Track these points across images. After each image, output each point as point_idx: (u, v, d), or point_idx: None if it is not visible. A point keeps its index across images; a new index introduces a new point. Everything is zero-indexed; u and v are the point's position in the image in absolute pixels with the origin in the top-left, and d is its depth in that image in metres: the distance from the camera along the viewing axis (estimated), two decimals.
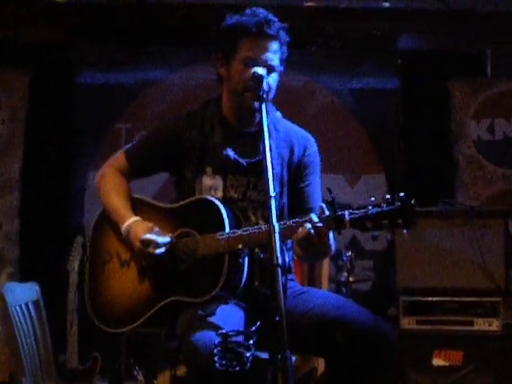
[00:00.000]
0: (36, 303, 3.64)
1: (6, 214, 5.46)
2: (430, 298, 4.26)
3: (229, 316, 2.53)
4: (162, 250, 2.65)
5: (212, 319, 2.47)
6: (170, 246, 2.66)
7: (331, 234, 2.51)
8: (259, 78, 2.58)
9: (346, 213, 2.40)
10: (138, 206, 2.82)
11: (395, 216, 2.35)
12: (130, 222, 2.73)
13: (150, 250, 2.64)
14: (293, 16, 5.33)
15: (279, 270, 2.21)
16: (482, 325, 4.19)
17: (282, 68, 2.74)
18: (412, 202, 2.35)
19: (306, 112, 5.70)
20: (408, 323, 4.26)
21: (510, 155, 5.59)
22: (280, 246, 2.26)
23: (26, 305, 3.52)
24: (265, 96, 2.56)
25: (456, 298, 4.24)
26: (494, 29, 5.50)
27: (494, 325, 4.18)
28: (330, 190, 2.44)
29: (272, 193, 2.34)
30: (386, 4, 5.54)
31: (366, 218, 2.37)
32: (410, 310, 4.27)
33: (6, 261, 5.32)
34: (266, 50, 2.66)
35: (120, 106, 5.81)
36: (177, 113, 2.88)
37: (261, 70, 2.60)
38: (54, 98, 5.58)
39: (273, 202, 2.32)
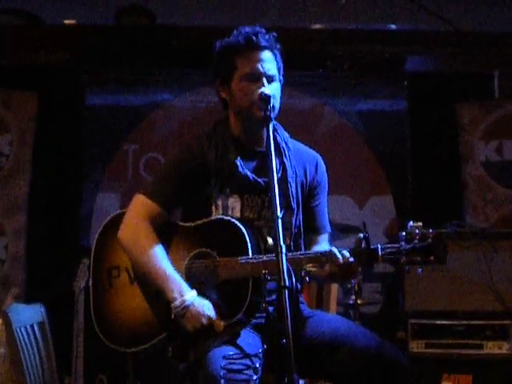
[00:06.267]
0: (41, 325, 3.62)
1: (13, 236, 5.45)
2: (439, 321, 4.22)
3: (248, 342, 2.49)
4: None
5: (233, 346, 2.43)
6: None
7: None
8: (266, 98, 2.58)
9: (379, 247, 2.44)
10: None
11: (427, 253, 2.41)
12: (191, 297, 2.54)
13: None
14: (301, 39, 5.40)
15: (287, 291, 2.20)
16: (491, 348, 4.15)
17: (281, 77, 2.73)
18: (443, 239, 2.41)
19: (314, 134, 5.70)
20: (417, 346, 4.22)
21: None
22: (287, 267, 2.25)
23: (32, 326, 3.50)
24: (272, 114, 2.57)
25: (465, 321, 4.20)
26: (502, 50, 5.51)
27: (504, 348, 4.13)
28: (364, 225, 2.44)
29: (279, 213, 2.33)
30: (393, 26, 5.56)
31: (398, 253, 2.43)
32: (418, 333, 4.23)
33: (12, 282, 5.30)
34: (260, 60, 2.65)
35: (128, 128, 5.82)
36: (185, 135, 2.85)
37: (268, 90, 2.60)
38: (63, 120, 5.59)
39: (279, 223, 2.31)
